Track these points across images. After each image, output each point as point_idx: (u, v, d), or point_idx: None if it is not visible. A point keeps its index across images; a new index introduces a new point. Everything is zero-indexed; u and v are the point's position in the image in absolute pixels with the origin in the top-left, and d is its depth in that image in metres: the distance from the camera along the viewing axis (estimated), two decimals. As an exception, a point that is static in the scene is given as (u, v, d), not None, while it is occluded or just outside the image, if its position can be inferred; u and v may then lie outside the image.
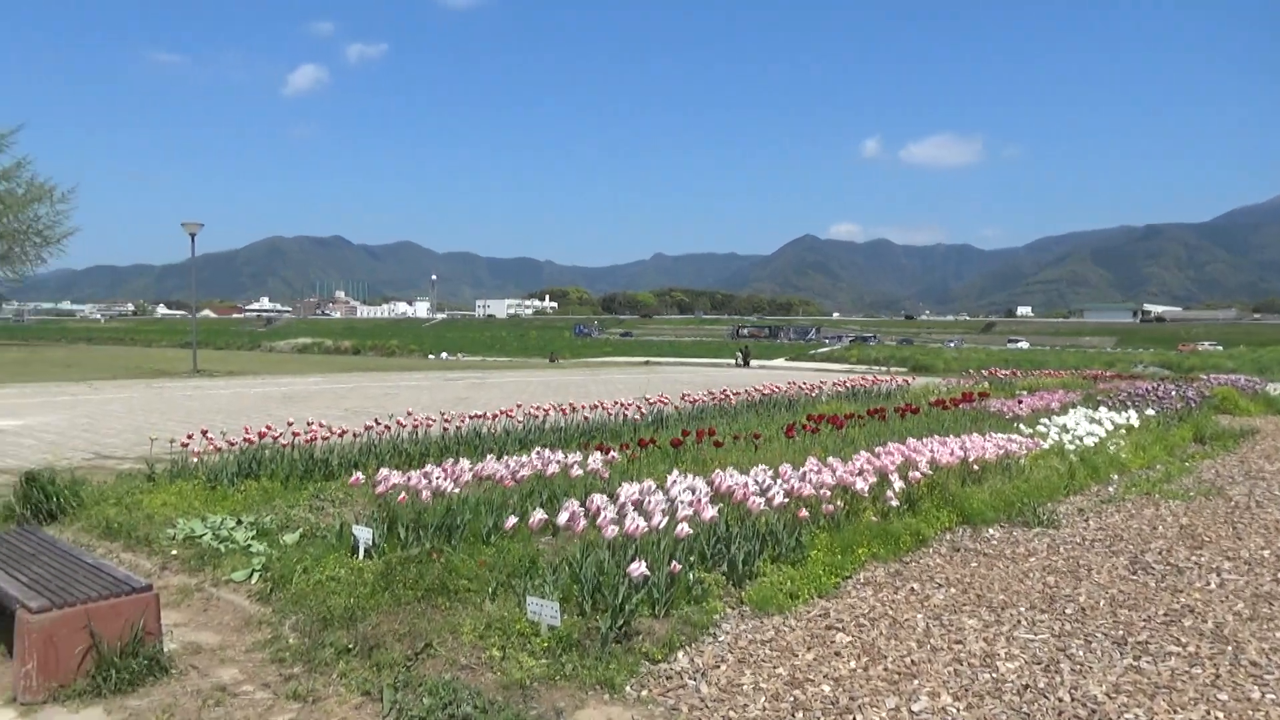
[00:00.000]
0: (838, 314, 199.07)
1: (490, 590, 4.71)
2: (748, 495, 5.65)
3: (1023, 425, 10.76)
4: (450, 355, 49.19)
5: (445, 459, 7.31)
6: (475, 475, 6.32)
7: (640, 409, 12.10)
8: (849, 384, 17.53)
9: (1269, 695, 3.91)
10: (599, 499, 5.31)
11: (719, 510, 5.47)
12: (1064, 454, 9.50)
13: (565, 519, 4.98)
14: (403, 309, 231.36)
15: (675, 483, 6.03)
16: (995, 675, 4.08)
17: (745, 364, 41.69)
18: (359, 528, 5.45)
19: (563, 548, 5.25)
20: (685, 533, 4.90)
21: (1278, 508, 8.10)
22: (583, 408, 11.63)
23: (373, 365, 36.78)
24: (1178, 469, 10.19)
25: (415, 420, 9.56)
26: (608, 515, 4.84)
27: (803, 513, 5.79)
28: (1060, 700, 3.82)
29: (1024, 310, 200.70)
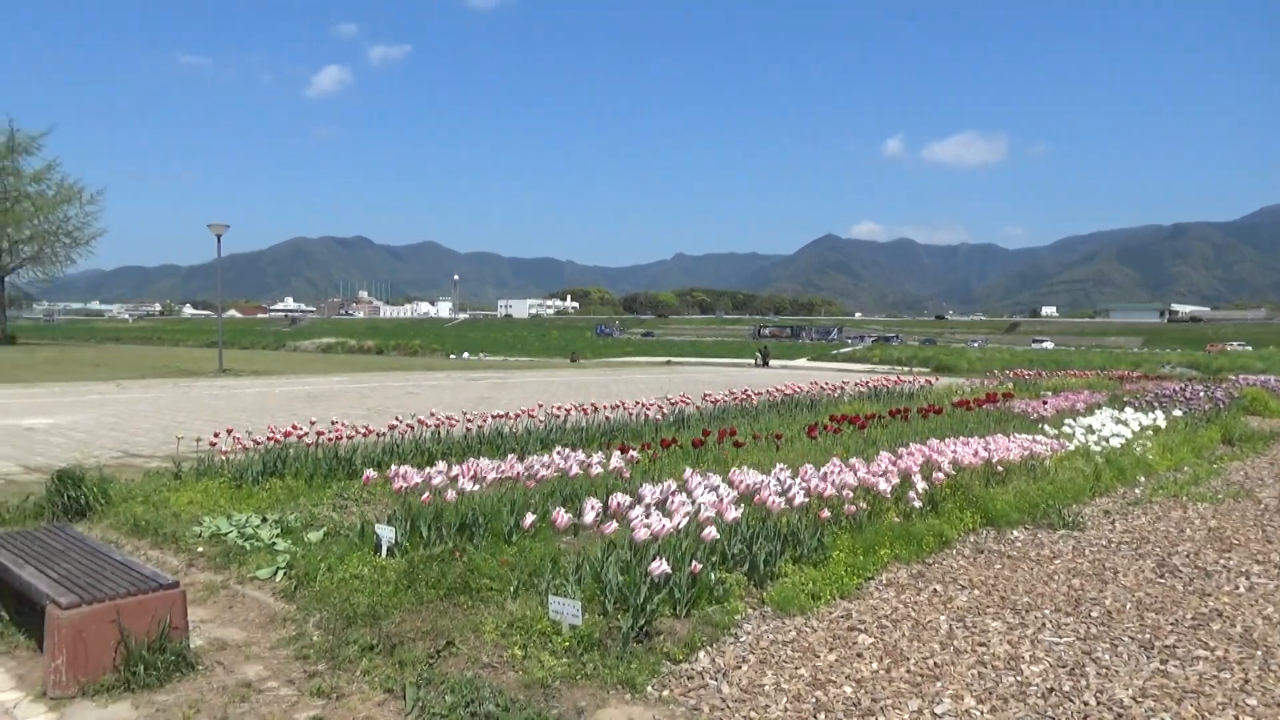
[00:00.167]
0: (860, 314, 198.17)
1: (512, 589, 4.73)
2: (769, 495, 5.64)
3: (1047, 426, 10.67)
4: (472, 355, 49.41)
5: (467, 458, 7.34)
6: (497, 474, 6.34)
7: (661, 409, 12.10)
8: (871, 384, 17.45)
9: (1299, 701, 3.85)
10: (620, 499, 5.31)
11: (741, 510, 5.46)
12: (1089, 455, 9.41)
13: (588, 519, 4.98)
14: (425, 309, 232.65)
15: (697, 483, 6.03)
16: (1019, 678, 4.04)
17: (764, 364, 41.60)
18: (382, 526, 5.49)
19: (584, 547, 5.25)
20: (711, 535, 4.89)
21: (1309, 510, 7.98)
22: (604, 407, 11.64)
23: (395, 365, 37.00)
24: (1206, 471, 10.06)
25: (437, 420, 9.61)
26: (631, 515, 4.84)
27: (824, 513, 5.77)
28: (1086, 704, 3.78)
29: (1049, 310, 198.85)
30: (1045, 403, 13.23)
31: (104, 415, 14.69)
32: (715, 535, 4.96)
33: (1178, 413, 13.21)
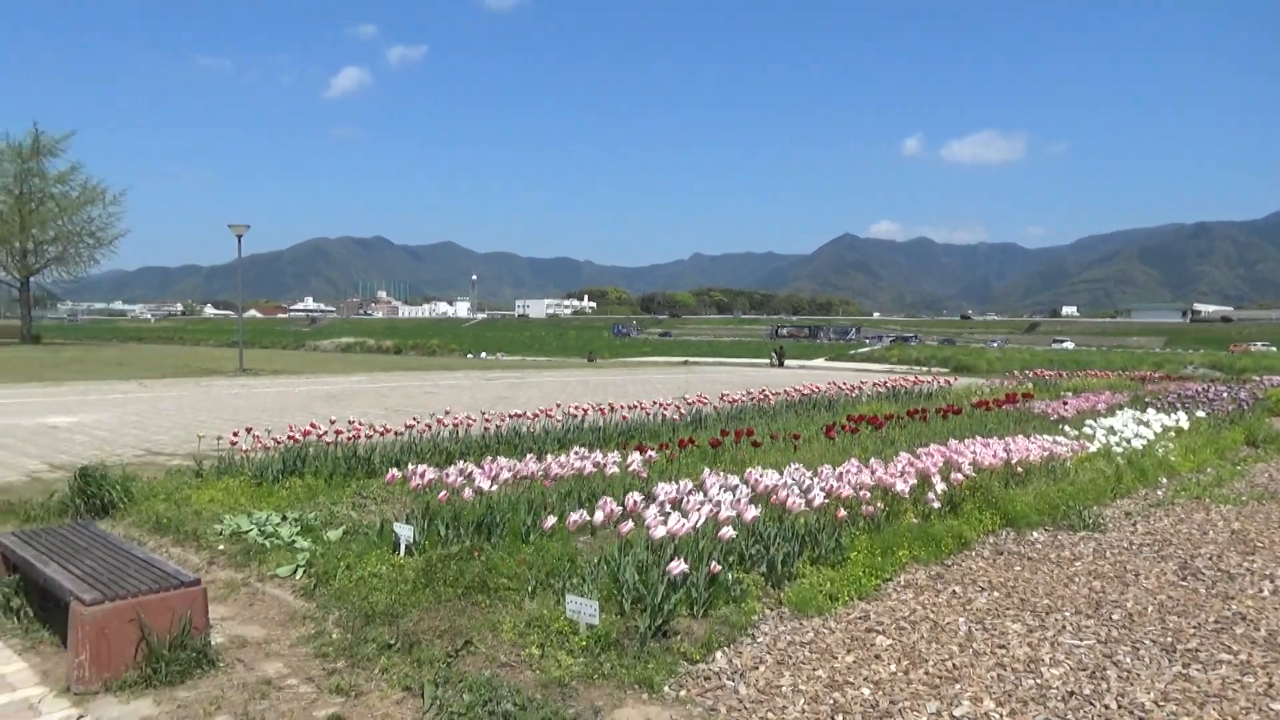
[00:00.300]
0: (878, 314, 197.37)
1: (529, 588, 4.74)
2: (786, 496, 5.63)
3: (1068, 427, 10.59)
4: (489, 355, 49.56)
5: (485, 458, 7.37)
6: (514, 474, 6.36)
7: (679, 409, 12.09)
8: (889, 384, 17.37)
9: (1325, 706, 3.80)
10: (637, 498, 5.31)
11: (758, 511, 5.45)
12: (1110, 456, 9.33)
13: (603, 518, 4.99)
14: (443, 309, 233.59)
15: (714, 483, 6.02)
16: (1039, 681, 4.02)
17: (780, 364, 41.50)
18: (400, 525, 5.51)
19: (601, 547, 5.26)
20: (729, 535, 4.89)
21: (1334, 513, 7.88)
22: (621, 407, 11.65)
23: (414, 365, 37.16)
24: (1229, 472, 9.95)
25: (455, 419, 9.65)
26: (648, 515, 4.84)
27: (841, 513, 5.75)
28: (1106, 708, 3.75)
29: (1069, 310, 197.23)
30: (1066, 403, 13.13)
31: (127, 414, 14.84)
32: (732, 535, 4.96)
33: (1200, 414, 13.07)
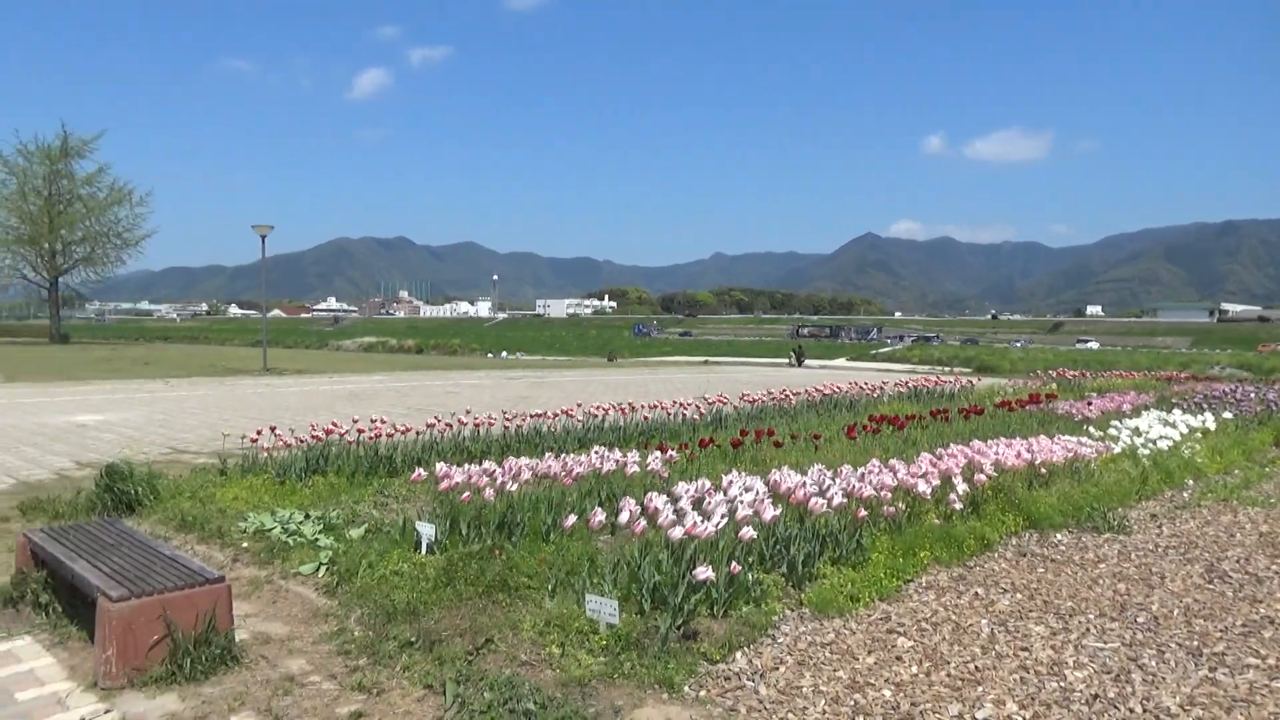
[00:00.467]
0: (899, 313, 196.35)
1: (550, 588, 4.76)
2: (807, 496, 5.61)
3: (1092, 428, 10.49)
4: (510, 354, 49.71)
5: (506, 457, 7.40)
6: (534, 473, 6.38)
7: (699, 409, 12.08)
8: (911, 384, 17.26)
9: (1355, 711, 3.74)
10: (657, 498, 5.32)
11: (778, 511, 5.44)
12: (1136, 457, 9.23)
13: (624, 518, 4.99)
14: (465, 309, 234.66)
15: (733, 482, 6.01)
16: (1063, 684, 3.98)
17: (799, 364, 41.34)
18: (422, 524, 5.54)
19: (621, 546, 5.27)
20: (749, 536, 4.87)
21: (1366, 516, 7.76)
22: (642, 407, 11.65)
23: (435, 364, 37.35)
24: (1257, 474, 9.81)
25: (477, 419, 9.69)
26: (668, 515, 4.84)
27: (862, 513, 5.73)
28: (1131, 711, 3.71)
29: (1094, 309, 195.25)
30: (1090, 404, 13.00)
31: (153, 412, 15.02)
32: (753, 535, 4.94)
33: (1228, 415, 12.90)
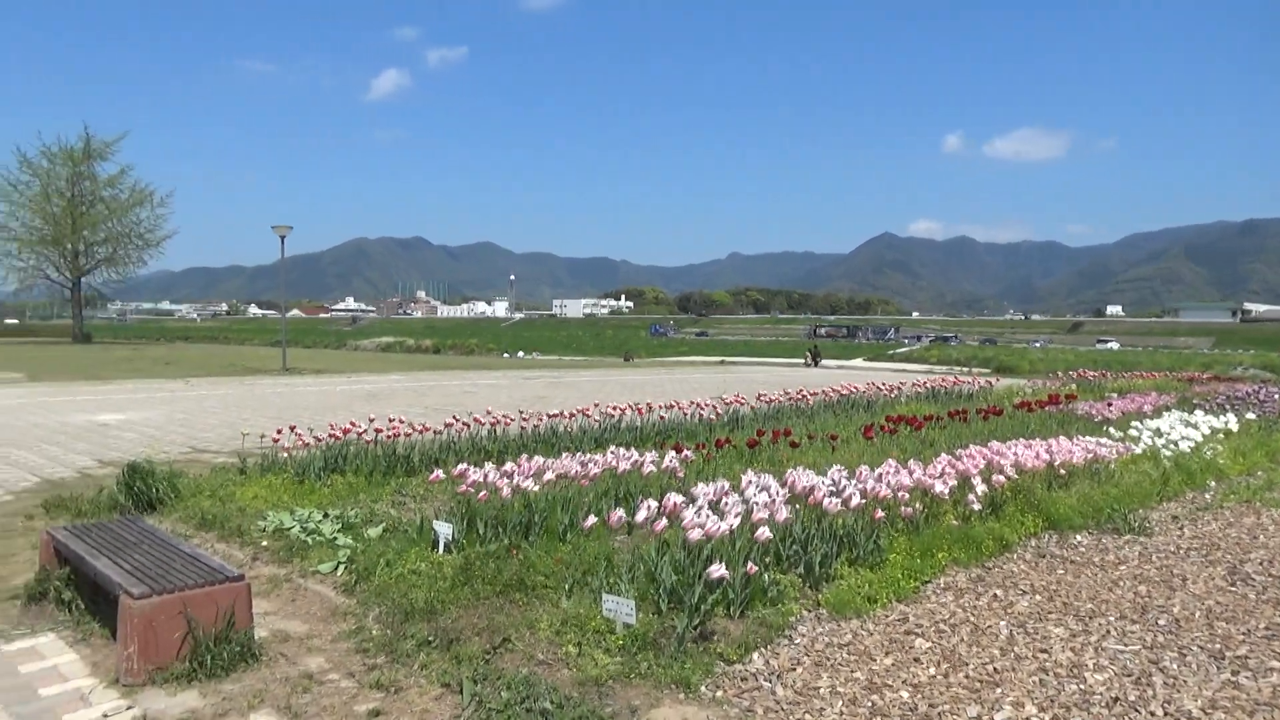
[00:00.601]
0: (917, 313, 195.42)
1: (566, 587, 4.77)
2: (824, 496, 5.59)
3: (1112, 429, 10.40)
4: (527, 354, 49.82)
5: (522, 457, 7.41)
6: (551, 473, 6.39)
7: (716, 409, 12.07)
8: (929, 385, 17.18)
9: (1381, 716, 3.69)
10: (674, 498, 5.32)
11: (795, 511, 5.43)
12: (1157, 459, 9.14)
13: (642, 518, 4.99)
14: (481, 309, 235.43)
15: (750, 483, 6.00)
16: (1083, 686, 3.95)
17: (815, 364, 41.21)
18: (439, 523, 5.57)
19: (638, 546, 5.27)
20: (765, 536, 4.87)
21: (1392, 518, 7.65)
22: (658, 407, 11.65)
23: (452, 364, 37.48)
24: (1281, 476, 9.71)
25: (494, 418, 9.71)
26: (685, 515, 4.84)
27: (878, 514, 5.70)
28: (1152, 714, 3.68)
29: (1114, 309, 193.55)
30: (1110, 404, 12.89)
31: (174, 412, 15.15)
32: (769, 536, 4.93)
33: (1251, 415, 12.77)
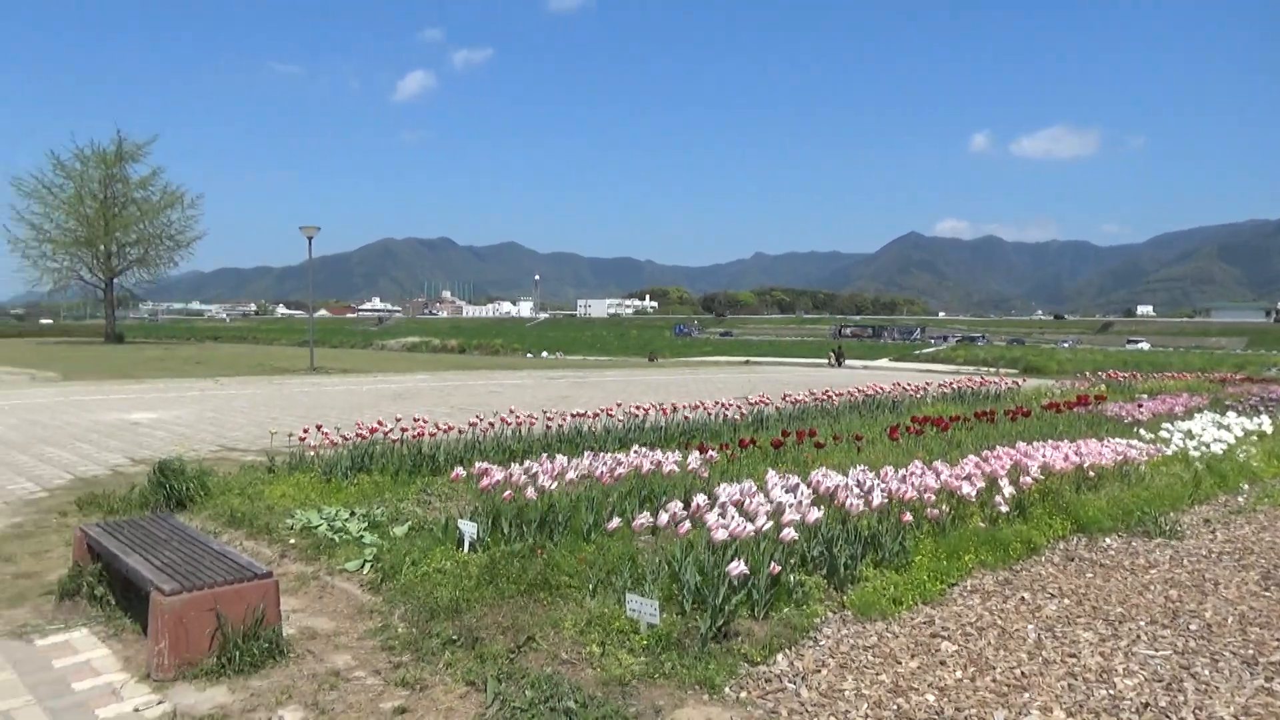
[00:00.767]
0: (944, 313, 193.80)
1: (591, 587, 4.77)
2: (849, 497, 5.56)
3: (1143, 430, 10.27)
4: (551, 354, 49.94)
5: (545, 456, 7.43)
6: (575, 472, 6.40)
7: (740, 409, 12.04)
8: (955, 385, 17.03)
9: None
10: (699, 498, 5.31)
11: (820, 512, 5.40)
12: (1188, 461, 9.01)
13: (666, 518, 4.99)
14: (506, 309, 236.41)
15: (776, 484, 5.98)
16: (1112, 692, 3.90)
17: (838, 364, 41.02)
18: (464, 522, 5.59)
19: (662, 546, 5.27)
20: (790, 537, 4.85)
21: None
22: (683, 407, 11.64)
23: (477, 364, 37.66)
24: (1317, 479, 9.53)
25: (518, 418, 9.75)
26: (709, 515, 4.83)
27: (906, 516, 5.66)
28: (1183, 720, 3.63)
29: (1144, 310, 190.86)
30: (1141, 406, 12.72)
31: (204, 410, 15.34)
32: (794, 536, 4.92)
33: (1286, 418, 12.55)
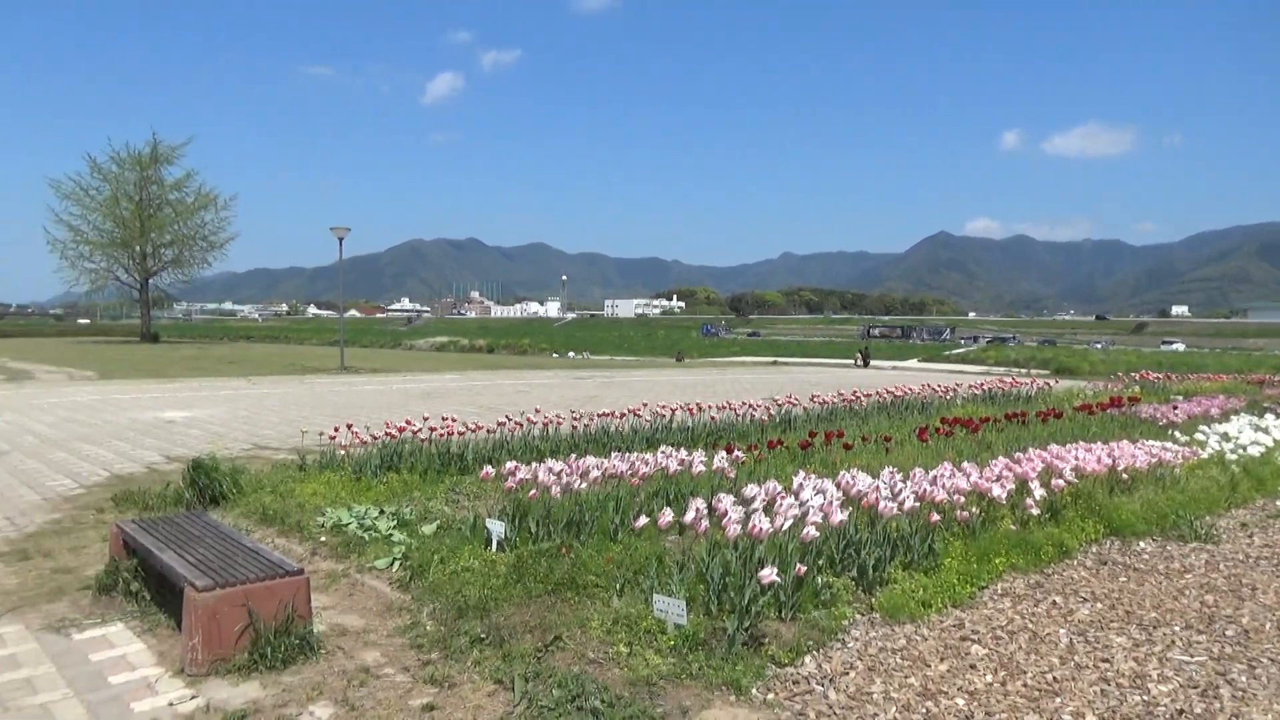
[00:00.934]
0: (974, 314, 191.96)
1: (618, 587, 4.78)
2: (878, 499, 5.53)
3: (1178, 432, 10.12)
4: (579, 354, 50.06)
5: (571, 455, 7.46)
6: (602, 472, 6.41)
7: (768, 409, 12.00)
8: (986, 386, 16.88)
9: None
10: (725, 499, 5.30)
11: (848, 514, 5.37)
12: (1225, 464, 8.86)
13: (692, 518, 4.99)
14: (534, 309, 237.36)
15: (802, 485, 5.96)
16: (1146, 698, 3.85)
17: (865, 365, 40.79)
18: (492, 521, 5.62)
19: (689, 547, 5.26)
20: (811, 535, 4.83)
21: None
22: (709, 407, 11.62)
23: (506, 364, 37.83)
24: (1358, 483, 9.33)
25: (546, 418, 9.78)
26: (735, 516, 4.82)
27: (934, 517, 5.62)
28: (1219, 728, 3.57)
29: (1179, 310, 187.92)
30: (1176, 408, 12.53)
31: (237, 409, 15.54)
32: (815, 535, 4.89)
33: (1326, 420, 12.30)
